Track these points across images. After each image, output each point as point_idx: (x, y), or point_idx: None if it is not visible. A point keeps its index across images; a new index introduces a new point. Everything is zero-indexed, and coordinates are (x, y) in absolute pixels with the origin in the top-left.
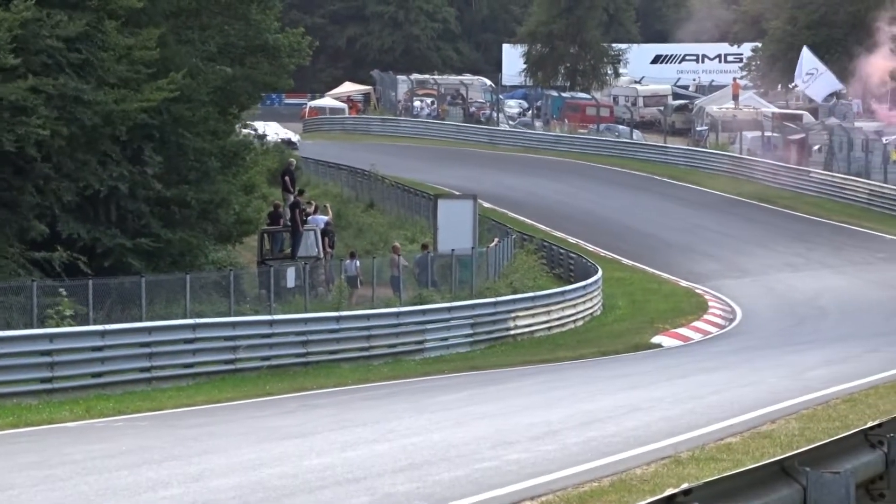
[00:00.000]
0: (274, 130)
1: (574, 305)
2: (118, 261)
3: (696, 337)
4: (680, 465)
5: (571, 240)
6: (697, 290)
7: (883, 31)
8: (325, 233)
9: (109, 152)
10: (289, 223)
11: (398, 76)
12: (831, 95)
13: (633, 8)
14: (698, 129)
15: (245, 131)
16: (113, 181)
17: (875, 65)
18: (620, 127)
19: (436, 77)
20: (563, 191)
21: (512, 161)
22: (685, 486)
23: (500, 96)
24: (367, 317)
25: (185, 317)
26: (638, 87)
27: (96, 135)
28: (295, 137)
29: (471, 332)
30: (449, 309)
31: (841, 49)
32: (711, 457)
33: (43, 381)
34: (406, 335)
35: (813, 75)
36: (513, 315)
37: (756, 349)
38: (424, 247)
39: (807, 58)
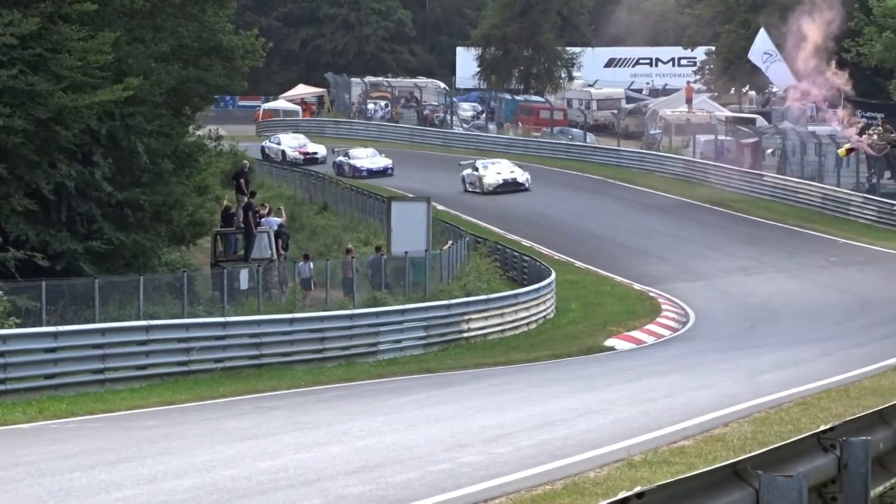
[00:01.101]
0: (496, 170)
1: (527, 308)
2: (70, 264)
3: (649, 340)
4: (633, 468)
5: (525, 242)
6: (651, 293)
7: None
8: (278, 235)
9: (61, 153)
10: (242, 225)
11: (352, 79)
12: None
13: (587, 11)
14: (651, 132)
15: (466, 171)
16: (60, 178)
17: (804, 35)
18: (574, 130)
19: (390, 80)
20: (516, 194)
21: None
22: (638, 489)
23: (454, 99)
24: (321, 319)
25: (138, 318)
26: (591, 90)
27: (49, 133)
28: (523, 177)
29: (424, 334)
30: (402, 311)
31: None
32: (664, 460)
33: None
34: (359, 337)
35: (771, 56)
36: (466, 318)
37: (709, 352)
38: (378, 249)
39: (763, 38)
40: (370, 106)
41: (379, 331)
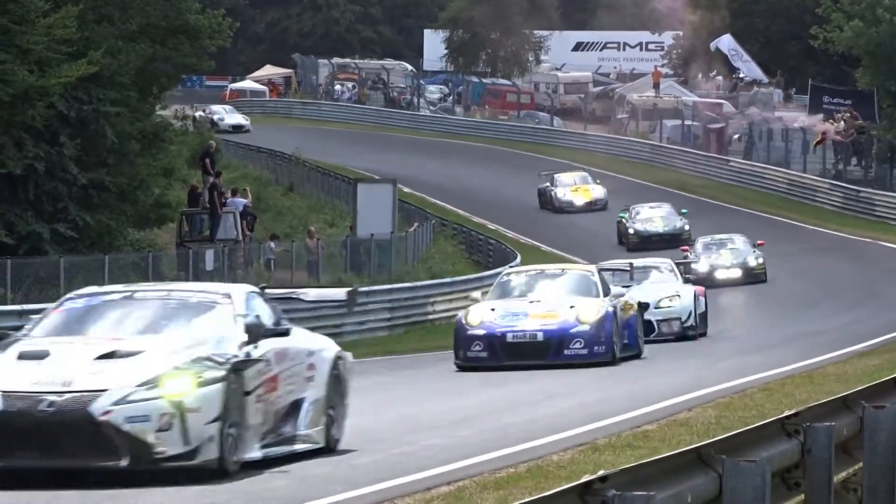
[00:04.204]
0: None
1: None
2: (35, 246)
3: None
4: (597, 451)
5: (491, 226)
6: None
7: None
8: (244, 215)
9: (28, 133)
10: (207, 205)
11: (319, 60)
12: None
13: None
14: (618, 116)
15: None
16: (29, 160)
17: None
18: (541, 114)
19: (357, 61)
20: (483, 177)
21: (433, 146)
22: (602, 472)
23: (422, 81)
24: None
25: None
26: (559, 74)
27: (14, 112)
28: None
29: (389, 316)
30: (367, 293)
31: (762, 39)
32: (628, 444)
33: None
34: (324, 319)
35: (737, 53)
36: (431, 300)
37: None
38: (351, 229)
39: (728, 39)
40: (337, 87)
41: (343, 312)
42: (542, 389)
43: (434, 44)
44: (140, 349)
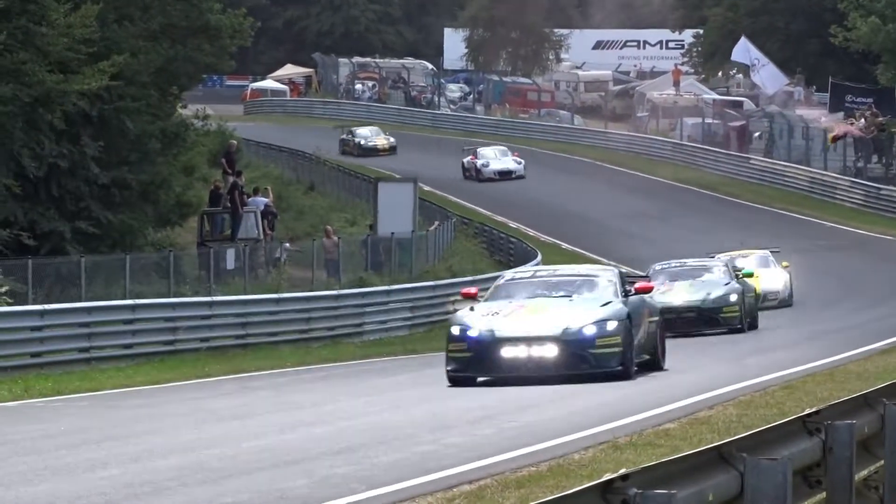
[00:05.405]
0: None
1: None
2: (56, 246)
3: None
4: (618, 450)
5: (512, 224)
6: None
7: None
8: (265, 214)
9: (49, 132)
10: (228, 204)
11: (340, 59)
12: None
13: None
14: (639, 115)
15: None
16: (53, 159)
17: None
18: (561, 112)
19: (377, 60)
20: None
21: (454, 145)
22: (623, 471)
23: (442, 80)
24: (307, 299)
25: (124, 297)
26: (579, 72)
27: (35, 115)
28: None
29: (410, 315)
30: (388, 292)
31: (783, 37)
32: (649, 442)
33: None
34: (345, 318)
35: (759, 61)
36: (452, 299)
37: (694, 335)
38: (371, 228)
39: (745, 46)
40: (358, 86)
41: (364, 311)
42: (564, 387)
43: (454, 42)
44: None
